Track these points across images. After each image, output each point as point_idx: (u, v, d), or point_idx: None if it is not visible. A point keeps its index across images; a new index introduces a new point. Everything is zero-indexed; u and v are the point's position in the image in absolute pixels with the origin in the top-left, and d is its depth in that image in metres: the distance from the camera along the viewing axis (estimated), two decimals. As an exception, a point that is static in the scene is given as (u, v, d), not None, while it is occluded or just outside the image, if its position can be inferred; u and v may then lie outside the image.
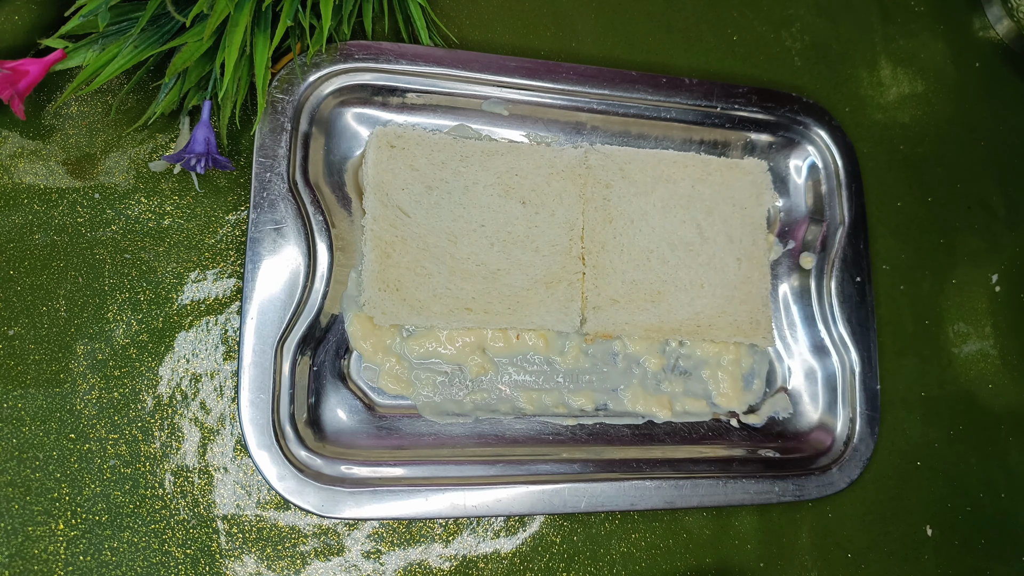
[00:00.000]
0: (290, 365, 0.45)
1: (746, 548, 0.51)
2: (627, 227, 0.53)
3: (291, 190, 0.46)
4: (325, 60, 0.48)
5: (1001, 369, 0.60)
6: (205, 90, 0.46)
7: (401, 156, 0.50)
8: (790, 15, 0.63)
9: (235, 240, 0.49)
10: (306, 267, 0.46)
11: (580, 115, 0.54)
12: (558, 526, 0.49)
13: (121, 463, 0.44)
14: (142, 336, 0.46)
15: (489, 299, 0.50)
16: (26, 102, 0.45)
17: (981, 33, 0.67)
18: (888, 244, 0.60)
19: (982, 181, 0.63)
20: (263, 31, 0.45)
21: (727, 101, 0.55)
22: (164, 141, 0.49)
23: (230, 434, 0.46)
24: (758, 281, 0.55)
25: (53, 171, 0.47)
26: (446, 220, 0.50)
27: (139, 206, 0.48)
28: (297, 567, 0.45)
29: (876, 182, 0.61)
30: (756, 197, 0.56)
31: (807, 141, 0.57)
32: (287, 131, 0.47)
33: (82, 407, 0.44)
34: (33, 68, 0.43)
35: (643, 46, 0.58)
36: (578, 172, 0.53)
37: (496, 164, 0.51)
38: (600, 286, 0.52)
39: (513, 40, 0.56)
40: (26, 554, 0.42)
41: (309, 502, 0.43)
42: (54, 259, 0.46)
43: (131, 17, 0.44)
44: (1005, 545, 0.57)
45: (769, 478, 0.50)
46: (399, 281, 0.48)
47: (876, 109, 0.62)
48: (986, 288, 0.62)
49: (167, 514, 0.44)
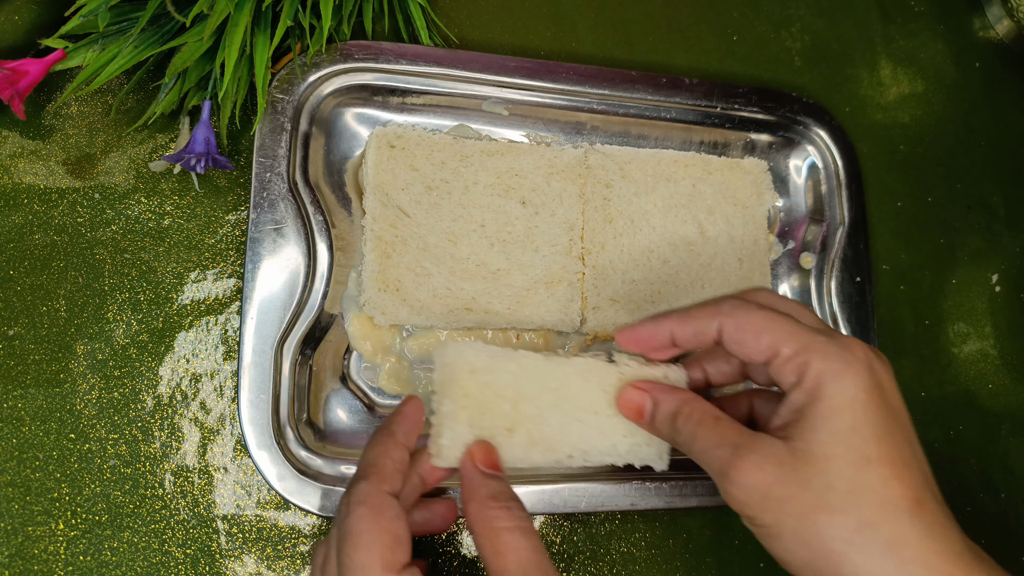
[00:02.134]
0: (290, 365, 0.45)
1: (746, 548, 0.51)
2: (627, 227, 0.53)
3: (291, 190, 0.46)
4: (325, 60, 0.48)
5: (1001, 369, 0.60)
6: (205, 90, 0.46)
7: (401, 156, 0.50)
8: (790, 15, 0.63)
9: (235, 240, 0.49)
10: (306, 267, 0.46)
11: (580, 115, 0.54)
12: (558, 526, 0.49)
13: (121, 463, 0.44)
14: (142, 336, 0.46)
15: (489, 299, 0.50)
16: (26, 102, 0.45)
17: (981, 33, 0.67)
18: (888, 244, 0.60)
19: (982, 181, 0.63)
20: (263, 31, 0.45)
21: (727, 101, 0.55)
22: (164, 141, 0.49)
23: (230, 434, 0.46)
24: (758, 281, 0.55)
25: (53, 171, 0.47)
26: (446, 220, 0.50)
27: (139, 206, 0.48)
28: (297, 567, 0.45)
29: (876, 182, 0.61)
30: (757, 197, 0.56)
31: (807, 141, 0.57)
32: (287, 131, 0.47)
33: (82, 407, 0.44)
34: (33, 68, 0.43)
35: (643, 46, 0.59)
36: (578, 172, 0.53)
37: (496, 164, 0.51)
38: (600, 286, 0.52)
39: (513, 40, 0.56)
40: (26, 554, 0.42)
41: (309, 502, 0.43)
42: (54, 259, 0.46)
43: (131, 17, 0.44)
44: (1005, 545, 0.57)
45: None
46: (399, 281, 0.48)
47: (876, 109, 0.62)
48: (986, 288, 0.62)
49: (167, 514, 0.44)
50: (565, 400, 0.39)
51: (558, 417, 0.39)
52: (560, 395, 0.39)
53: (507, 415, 0.38)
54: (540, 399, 0.38)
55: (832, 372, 0.33)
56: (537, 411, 0.38)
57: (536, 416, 0.38)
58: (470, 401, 0.37)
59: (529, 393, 0.38)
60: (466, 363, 0.37)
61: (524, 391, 0.38)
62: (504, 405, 0.38)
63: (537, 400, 0.38)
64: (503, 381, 0.38)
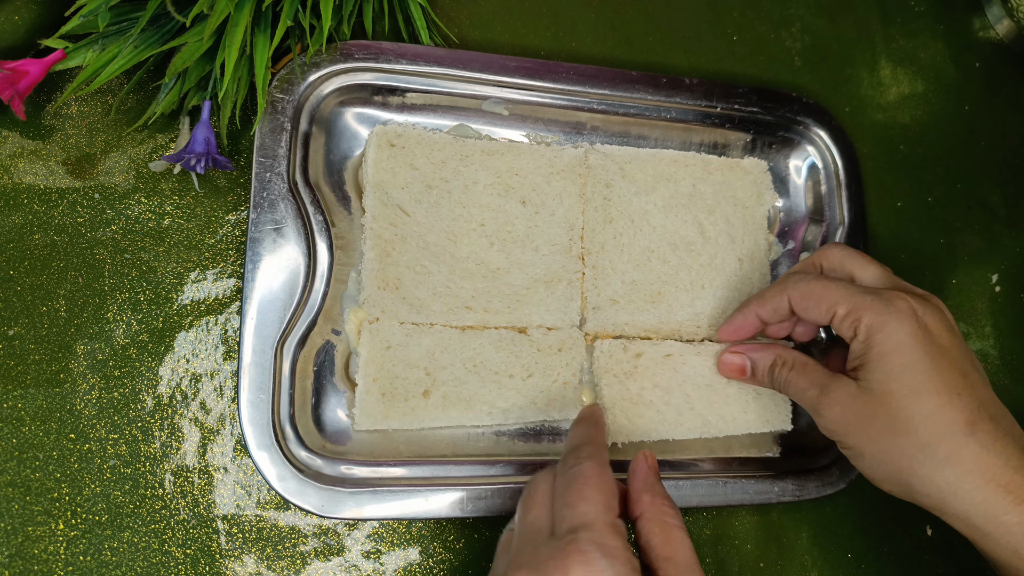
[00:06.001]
0: (290, 365, 0.45)
1: (746, 548, 0.51)
2: (627, 227, 0.53)
3: (291, 190, 0.46)
4: (325, 60, 0.48)
5: (1001, 369, 0.60)
6: (205, 90, 0.46)
7: (401, 155, 0.50)
8: (790, 15, 0.63)
9: (235, 240, 0.49)
10: (306, 267, 0.46)
11: (580, 115, 0.54)
12: (558, 526, 0.49)
13: (121, 463, 0.44)
14: (142, 336, 0.46)
15: (489, 298, 0.50)
16: (26, 102, 0.45)
17: (981, 33, 0.67)
18: (888, 244, 0.60)
19: (982, 181, 0.63)
20: (263, 31, 0.45)
21: (727, 101, 0.55)
22: (164, 141, 0.49)
23: (230, 434, 0.46)
24: (759, 282, 0.55)
25: (53, 171, 0.47)
26: (446, 219, 0.50)
27: (139, 206, 0.48)
28: (297, 567, 0.45)
29: (876, 182, 0.61)
30: (757, 197, 0.56)
31: (807, 141, 0.57)
32: (287, 131, 0.47)
33: (82, 407, 0.44)
34: (33, 68, 0.43)
35: (643, 46, 0.58)
36: (578, 172, 0.53)
37: (496, 163, 0.51)
38: (600, 286, 0.52)
39: (513, 40, 0.56)
40: (26, 554, 0.42)
41: (309, 502, 0.43)
42: (54, 259, 0.46)
43: (131, 17, 0.44)
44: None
45: (769, 478, 0.50)
46: (399, 280, 0.48)
47: (876, 109, 0.62)
48: (986, 288, 0.62)
49: (167, 514, 0.44)
50: (483, 367, 0.48)
51: (475, 381, 0.48)
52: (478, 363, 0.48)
53: (421, 381, 0.47)
54: (455, 366, 0.47)
55: (879, 324, 0.40)
56: (452, 376, 0.47)
57: (452, 380, 0.47)
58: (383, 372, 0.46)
59: (444, 362, 0.47)
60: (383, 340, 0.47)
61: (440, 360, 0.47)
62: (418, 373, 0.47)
63: (452, 367, 0.47)
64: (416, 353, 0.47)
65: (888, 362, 0.40)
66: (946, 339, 0.41)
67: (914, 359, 0.39)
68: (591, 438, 0.39)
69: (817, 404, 0.43)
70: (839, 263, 0.46)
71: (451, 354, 0.48)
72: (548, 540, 0.34)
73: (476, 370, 0.48)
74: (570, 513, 0.34)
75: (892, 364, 0.40)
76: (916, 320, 0.40)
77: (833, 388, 0.42)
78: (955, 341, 0.41)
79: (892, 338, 0.40)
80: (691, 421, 0.51)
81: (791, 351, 0.47)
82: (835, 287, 0.43)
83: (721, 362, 0.50)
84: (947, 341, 0.41)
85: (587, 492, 0.35)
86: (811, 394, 0.44)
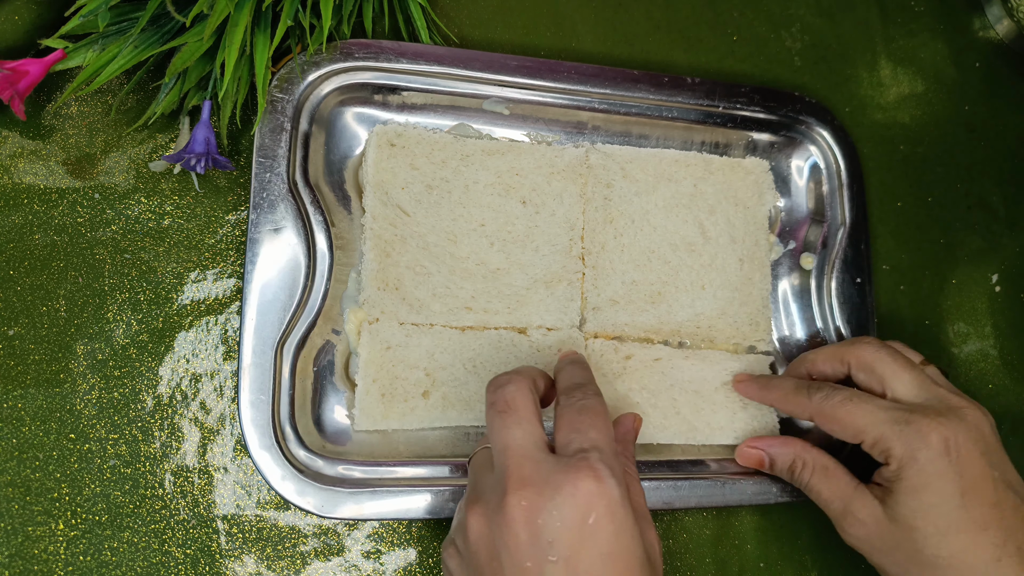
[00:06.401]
0: (290, 365, 0.45)
1: (746, 548, 0.51)
2: (628, 227, 0.53)
3: (291, 190, 0.46)
4: (325, 59, 0.48)
5: (1001, 369, 0.60)
6: (205, 90, 0.46)
7: (401, 155, 0.50)
8: (790, 15, 0.63)
9: (235, 240, 0.48)
10: (306, 267, 0.46)
11: (581, 114, 0.54)
12: (558, 526, 0.49)
13: (121, 463, 0.44)
14: (142, 336, 0.46)
15: (489, 299, 0.50)
16: (26, 102, 0.45)
17: (981, 33, 0.67)
18: (888, 244, 0.60)
19: (982, 181, 0.63)
20: (263, 31, 0.45)
21: (729, 101, 0.55)
22: (164, 141, 0.49)
23: (230, 434, 0.46)
24: (759, 282, 0.55)
25: (53, 171, 0.47)
26: (446, 219, 0.50)
27: (139, 206, 0.48)
28: (297, 567, 0.45)
29: (876, 182, 0.61)
30: (758, 197, 0.56)
31: (809, 141, 0.57)
32: (287, 131, 0.47)
33: (82, 407, 0.44)
34: (33, 68, 0.43)
35: (643, 46, 0.58)
36: (579, 171, 0.53)
37: (496, 163, 0.51)
38: (600, 286, 0.52)
39: (513, 39, 0.56)
40: (26, 554, 0.42)
41: (309, 503, 0.43)
42: (54, 259, 0.46)
43: (131, 17, 0.44)
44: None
45: (769, 478, 0.50)
46: (399, 280, 0.48)
47: (876, 109, 0.62)
48: (986, 288, 0.62)
49: (167, 514, 0.44)
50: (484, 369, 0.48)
51: (475, 381, 0.48)
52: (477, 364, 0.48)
53: (421, 382, 0.47)
54: (455, 367, 0.48)
55: (908, 458, 0.40)
56: (452, 377, 0.48)
57: (451, 381, 0.48)
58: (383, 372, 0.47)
59: (444, 362, 0.48)
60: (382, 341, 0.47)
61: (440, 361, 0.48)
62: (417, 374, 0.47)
63: (452, 368, 0.48)
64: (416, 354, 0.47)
65: (917, 499, 0.40)
66: (978, 468, 0.40)
67: (942, 499, 0.40)
68: (590, 379, 0.41)
69: (841, 520, 0.43)
70: (869, 366, 0.45)
71: (451, 355, 0.48)
72: (550, 457, 0.35)
73: (476, 371, 0.48)
74: (580, 437, 0.36)
75: (920, 502, 0.40)
76: (947, 455, 0.40)
77: (858, 508, 0.42)
78: (988, 467, 0.41)
79: (921, 475, 0.40)
80: (677, 426, 0.51)
81: (812, 451, 0.46)
82: (862, 413, 0.42)
83: (739, 453, 0.50)
84: (979, 470, 0.40)
85: (598, 422, 0.37)
86: (835, 507, 0.44)
